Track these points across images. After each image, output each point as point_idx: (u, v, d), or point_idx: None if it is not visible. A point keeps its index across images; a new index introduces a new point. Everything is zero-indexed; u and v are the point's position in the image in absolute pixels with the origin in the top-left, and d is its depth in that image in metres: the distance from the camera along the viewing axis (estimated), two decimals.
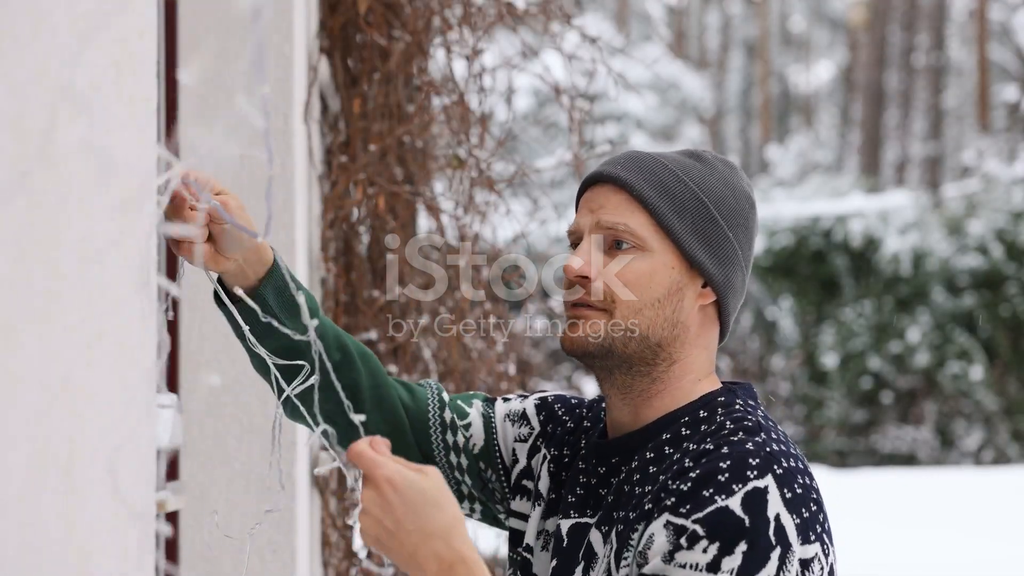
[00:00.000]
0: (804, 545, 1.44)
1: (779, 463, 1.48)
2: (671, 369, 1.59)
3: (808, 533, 1.45)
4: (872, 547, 9.17)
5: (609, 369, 1.59)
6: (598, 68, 3.19)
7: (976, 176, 17.97)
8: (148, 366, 1.25)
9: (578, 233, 1.63)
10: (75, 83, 1.02)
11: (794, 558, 1.44)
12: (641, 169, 1.61)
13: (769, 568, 1.42)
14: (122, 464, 1.15)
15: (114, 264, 1.12)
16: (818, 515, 1.48)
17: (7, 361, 0.87)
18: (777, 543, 1.43)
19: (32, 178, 0.93)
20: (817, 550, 1.46)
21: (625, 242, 1.58)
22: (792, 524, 1.44)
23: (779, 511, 1.45)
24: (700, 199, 1.61)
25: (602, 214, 1.60)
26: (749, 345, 15.00)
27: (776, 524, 1.44)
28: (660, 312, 1.57)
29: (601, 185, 1.62)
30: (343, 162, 3.00)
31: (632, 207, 1.59)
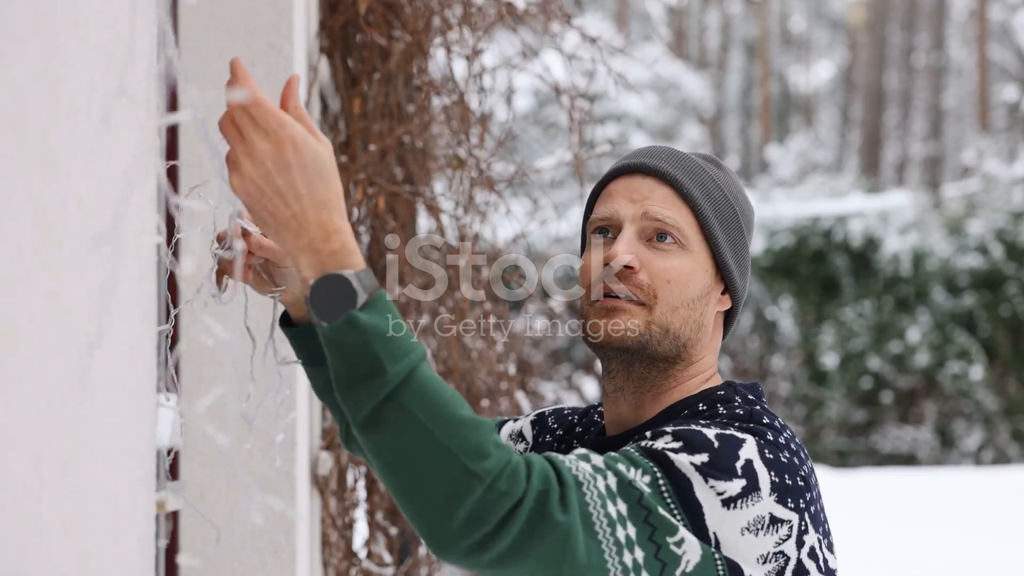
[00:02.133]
0: (779, 505, 1.42)
1: (763, 435, 1.46)
2: (686, 369, 1.60)
3: (787, 499, 1.42)
4: (872, 547, 9.17)
5: (630, 362, 1.58)
6: (598, 68, 3.19)
7: (976, 176, 17.97)
8: (148, 366, 1.25)
9: (615, 221, 1.60)
10: (75, 83, 1.02)
11: (761, 503, 1.40)
12: (685, 168, 1.60)
13: (731, 489, 1.39)
14: (122, 464, 1.15)
15: (114, 264, 1.12)
16: (804, 492, 1.45)
17: (7, 361, 0.87)
18: (744, 476, 1.41)
19: (32, 178, 0.93)
20: (795, 519, 1.43)
21: (670, 237, 1.57)
22: (767, 476, 1.42)
23: (753, 458, 1.43)
24: (733, 207, 1.62)
25: (649, 205, 1.57)
26: (749, 345, 15.00)
27: (746, 465, 1.42)
28: (692, 313, 1.58)
29: (642, 176, 1.60)
30: (343, 162, 3.00)
31: (679, 204, 1.58)
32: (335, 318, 1.30)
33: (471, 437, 1.30)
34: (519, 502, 1.32)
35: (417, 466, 1.30)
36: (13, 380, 0.88)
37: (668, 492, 1.39)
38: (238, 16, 2.60)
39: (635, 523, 1.37)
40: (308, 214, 1.31)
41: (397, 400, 1.30)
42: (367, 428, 1.31)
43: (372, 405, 1.30)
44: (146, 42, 1.22)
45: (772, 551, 1.42)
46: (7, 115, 0.88)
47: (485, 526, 1.30)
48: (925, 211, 15.50)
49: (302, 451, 2.67)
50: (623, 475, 1.39)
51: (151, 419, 1.25)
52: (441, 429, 1.30)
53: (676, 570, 1.38)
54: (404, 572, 3.12)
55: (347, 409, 1.33)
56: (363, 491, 3.08)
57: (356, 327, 1.30)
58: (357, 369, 1.30)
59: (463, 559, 1.33)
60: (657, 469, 1.40)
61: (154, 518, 1.26)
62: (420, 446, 1.29)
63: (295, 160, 1.30)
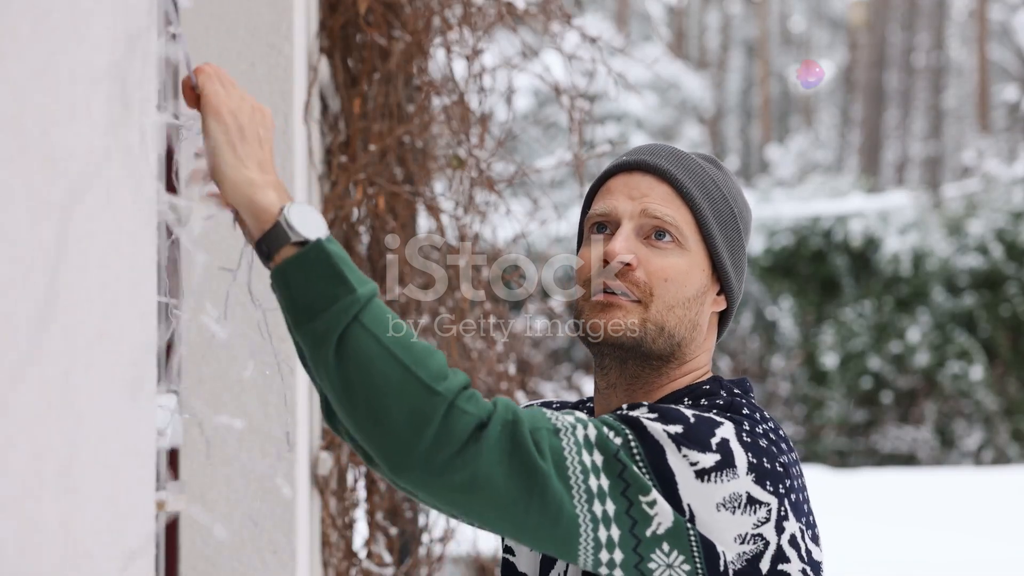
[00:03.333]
0: (756, 486, 1.42)
1: (741, 423, 1.47)
2: (679, 368, 1.60)
3: (765, 481, 1.43)
4: (872, 547, 9.17)
5: (624, 359, 1.58)
6: (598, 68, 3.19)
7: (976, 176, 17.97)
8: (148, 366, 1.25)
9: (613, 217, 1.60)
10: (75, 83, 1.02)
11: (737, 481, 1.41)
12: (685, 167, 1.60)
13: (704, 461, 1.41)
14: (122, 464, 1.15)
15: (114, 264, 1.12)
16: (783, 479, 1.45)
17: (7, 361, 0.87)
18: (719, 452, 1.42)
19: (32, 178, 0.93)
20: (773, 503, 1.43)
21: (668, 235, 1.57)
22: (743, 456, 1.43)
23: (729, 438, 1.44)
24: (731, 207, 1.62)
25: (648, 203, 1.57)
26: (749, 345, 15.00)
27: (722, 443, 1.43)
28: (687, 313, 1.58)
29: (642, 174, 1.60)
30: (343, 162, 3.00)
31: (677, 202, 1.58)
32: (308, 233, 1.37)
33: (429, 360, 1.36)
34: (483, 424, 1.36)
35: (382, 388, 1.34)
36: (13, 380, 0.88)
37: (640, 455, 1.40)
38: (238, 16, 2.60)
39: (609, 476, 1.39)
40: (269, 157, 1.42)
41: (362, 322, 1.35)
42: (337, 351, 1.35)
43: (343, 325, 1.35)
44: (146, 42, 1.22)
45: (750, 532, 1.42)
46: (7, 115, 0.88)
47: (451, 445, 1.34)
48: (925, 211, 15.50)
49: (302, 451, 2.67)
50: (601, 430, 1.41)
51: (151, 419, 1.25)
52: (403, 351, 1.35)
53: (647, 530, 1.39)
54: (404, 572, 3.12)
55: (313, 336, 1.37)
56: (363, 491, 3.08)
57: (327, 250, 1.36)
58: (327, 291, 1.35)
59: (429, 480, 1.36)
60: (630, 433, 1.42)
61: (154, 518, 1.26)
62: (384, 368, 1.34)
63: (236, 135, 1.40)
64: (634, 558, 1.39)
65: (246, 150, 1.39)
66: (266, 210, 1.37)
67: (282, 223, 1.36)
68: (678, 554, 1.40)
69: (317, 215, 1.39)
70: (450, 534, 3.19)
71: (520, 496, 1.36)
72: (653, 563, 1.40)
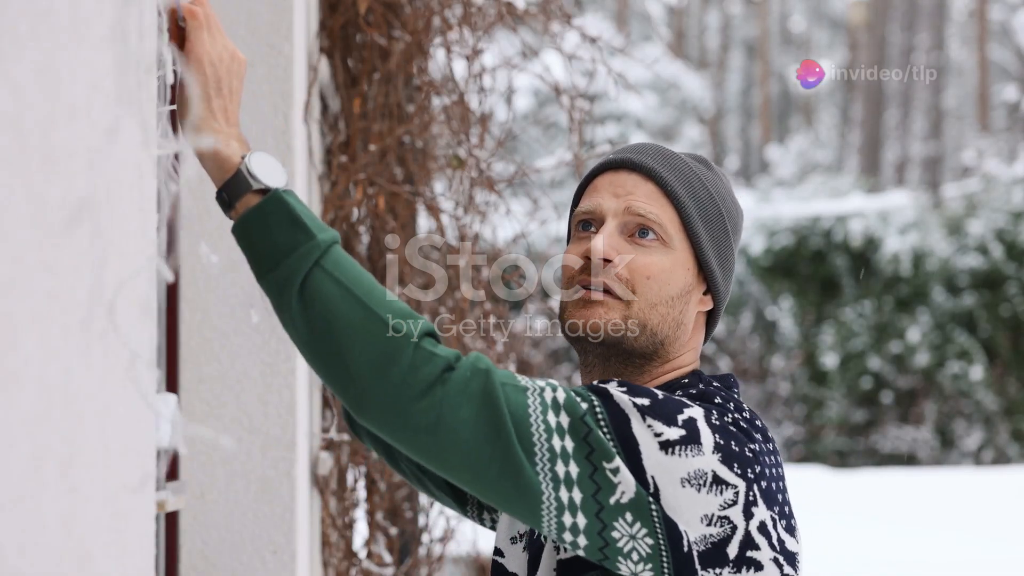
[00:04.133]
0: (723, 466, 1.43)
1: (711, 410, 1.48)
2: (662, 366, 1.60)
3: (732, 463, 1.43)
4: (872, 547, 9.17)
5: (607, 356, 1.59)
6: (598, 68, 3.19)
7: (976, 176, 17.97)
8: (148, 366, 1.25)
9: (597, 214, 1.60)
10: (75, 83, 1.02)
11: (702, 458, 1.42)
12: (671, 166, 1.61)
13: (669, 434, 1.42)
14: (122, 463, 1.15)
15: (114, 264, 1.12)
16: (752, 464, 1.45)
17: (7, 361, 0.87)
18: (684, 428, 1.42)
19: (32, 178, 0.93)
20: (741, 486, 1.43)
21: (652, 233, 1.57)
22: (710, 437, 1.43)
23: (696, 419, 1.45)
24: (719, 207, 1.62)
25: (632, 200, 1.58)
26: (749, 345, 15.00)
27: (689, 422, 1.44)
28: (670, 311, 1.57)
29: (628, 172, 1.60)
30: (343, 162, 3.00)
31: (663, 201, 1.58)
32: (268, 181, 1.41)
33: (393, 303, 1.40)
34: (450, 367, 1.39)
35: (347, 330, 1.38)
36: (13, 380, 0.88)
37: (604, 421, 1.41)
38: (238, 16, 2.60)
39: (574, 438, 1.40)
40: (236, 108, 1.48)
41: (323, 267, 1.39)
42: (300, 296, 1.39)
43: (305, 270, 1.39)
44: (146, 42, 1.22)
45: (717, 513, 1.42)
46: (7, 115, 0.88)
47: (417, 385, 1.37)
48: (925, 211, 15.50)
49: (302, 451, 2.67)
50: (569, 394, 1.43)
51: (151, 419, 1.25)
52: (366, 295, 1.39)
53: (611, 498, 1.40)
54: (404, 572, 3.12)
55: (277, 283, 1.40)
56: (363, 491, 3.08)
57: (286, 200, 1.41)
58: (287, 239, 1.39)
59: (395, 421, 1.38)
60: (596, 399, 1.43)
61: (154, 518, 1.26)
62: (348, 311, 1.38)
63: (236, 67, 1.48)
64: (597, 524, 1.40)
65: (219, 103, 1.44)
66: (228, 159, 1.41)
67: (243, 171, 1.41)
68: (641, 526, 1.40)
69: (278, 164, 1.44)
70: (450, 534, 3.19)
71: (485, 443, 1.38)
72: (616, 532, 1.40)
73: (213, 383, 2.58)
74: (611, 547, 1.40)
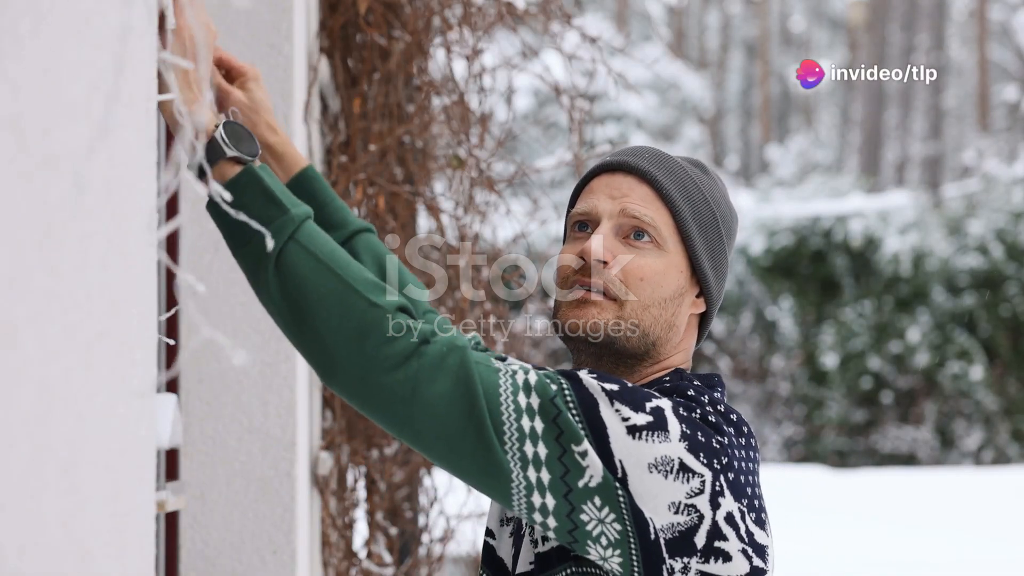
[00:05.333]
0: (690, 454, 1.44)
1: (679, 402, 1.49)
2: (653, 367, 1.61)
3: (699, 452, 1.45)
4: (872, 547, 9.17)
5: (599, 355, 1.60)
6: (598, 68, 3.19)
7: (976, 176, 17.97)
8: (148, 366, 1.25)
9: (593, 216, 1.62)
10: (75, 83, 1.02)
11: (668, 445, 1.43)
12: (667, 169, 1.62)
13: (636, 419, 1.43)
14: (122, 464, 1.15)
15: (114, 264, 1.12)
16: (719, 455, 1.46)
17: (7, 361, 0.87)
18: (651, 415, 1.44)
19: (32, 179, 0.93)
20: (708, 475, 1.45)
21: (646, 235, 1.58)
22: (677, 426, 1.45)
23: (664, 408, 1.46)
24: (713, 211, 1.63)
25: (627, 203, 1.59)
26: (749, 345, 15.00)
27: (656, 409, 1.45)
28: (663, 313, 1.59)
29: (624, 174, 1.62)
30: (343, 162, 3.00)
31: (657, 204, 1.60)
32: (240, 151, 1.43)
33: (366, 275, 1.42)
34: (426, 340, 1.41)
35: (322, 302, 1.40)
36: (13, 380, 0.88)
37: (574, 404, 1.43)
38: (238, 16, 2.60)
39: (544, 420, 1.41)
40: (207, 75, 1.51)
41: (298, 240, 1.42)
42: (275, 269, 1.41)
43: (280, 244, 1.40)
44: (146, 42, 1.22)
45: (684, 502, 1.43)
46: (7, 115, 0.88)
47: (393, 357, 1.39)
48: (925, 211, 15.50)
49: (302, 451, 2.67)
50: (540, 377, 1.45)
51: (151, 419, 1.25)
52: (340, 268, 1.42)
53: (579, 481, 1.41)
54: (404, 572, 3.12)
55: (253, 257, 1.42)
56: (363, 491, 3.08)
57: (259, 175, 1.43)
58: (262, 213, 1.41)
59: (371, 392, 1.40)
60: (564, 382, 1.45)
61: (154, 518, 1.26)
62: (323, 283, 1.40)
63: None
64: (566, 506, 1.41)
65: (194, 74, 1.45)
66: (204, 130, 1.42)
67: (217, 139, 1.42)
68: (609, 511, 1.42)
69: (250, 133, 1.45)
70: (450, 534, 3.19)
71: (459, 417, 1.40)
72: (585, 515, 1.41)
73: (213, 383, 2.58)
74: (580, 530, 1.42)
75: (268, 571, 2.57)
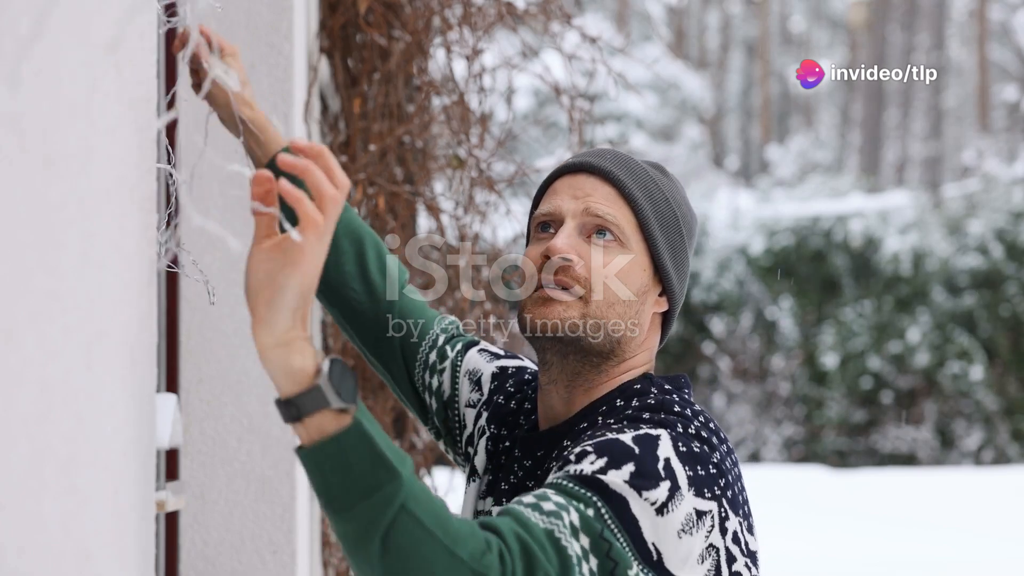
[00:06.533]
0: (698, 497, 1.42)
1: (674, 427, 1.47)
2: (618, 366, 1.62)
3: (703, 489, 1.43)
4: (872, 547, 9.17)
5: (565, 353, 1.60)
6: (598, 68, 3.19)
7: (976, 176, 17.97)
8: (148, 366, 1.25)
9: (556, 216, 1.62)
10: (75, 84, 1.02)
11: (684, 501, 1.41)
12: (629, 169, 1.64)
13: (659, 493, 1.40)
14: (122, 464, 1.15)
15: (114, 264, 1.12)
16: (718, 479, 1.46)
17: (7, 361, 0.87)
18: (667, 477, 1.41)
19: (33, 179, 0.93)
20: (714, 507, 1.44)
21: (609, 233, 1.59)
22: (683, 472, 1.43)
23: (670, 456, 1.43)
24: (674, 211, 1.65)
25: (591, 202, 1.60)
26: (749, 345, 15.00)
27: (666, 464, 1.42)
28: (628, 311, 1.60)
29: (586, 175, 1.63)
30: (343, 162, 3.00)
31: (620, 203, 1.61)
32: (345, 400, 1.21)
33: (468, 539, 1.28)
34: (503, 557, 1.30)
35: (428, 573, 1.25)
36: (13, 380, 0.88)
37: (611, 519, 1.39)
38: (238, 16, 2.60)
39: (597, 556, 1.38)
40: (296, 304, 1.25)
41: (407, 509, 1.23)
42: (383, 542, 1.24)
43: (390, 516, 1.23)
44: (146, 42, 1.22)
45: (704, 546, 1.43)
46: (7, 115, 0.88)
47: None
48: (925, 211, 15.51)
49: None
50: (580, 511, 1.38)
51: (151, 419, 1.25)
52: (444, 533, 1.26)
53: None
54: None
55: (356, 524, 1.24)
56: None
57: (367, 431, 1.22)
58: (370, 478, 1.22)
59: None
60: (596, 498, 1.39)
61: (154, 518, 1.26)
62: (431, 554, 1.25)
63: None
64: None
65: (303, 312, 1.22)
66: (301, 370, 1.20)
67: (322, 388, 1.20)
68: None
69: (351, 372, 1.23)
70: None
71: None
72: None
73: (213, 383, 2.58)
74: None
75: (268, 571, 2.58)
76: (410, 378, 1.85)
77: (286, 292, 1.19)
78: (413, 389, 1.86)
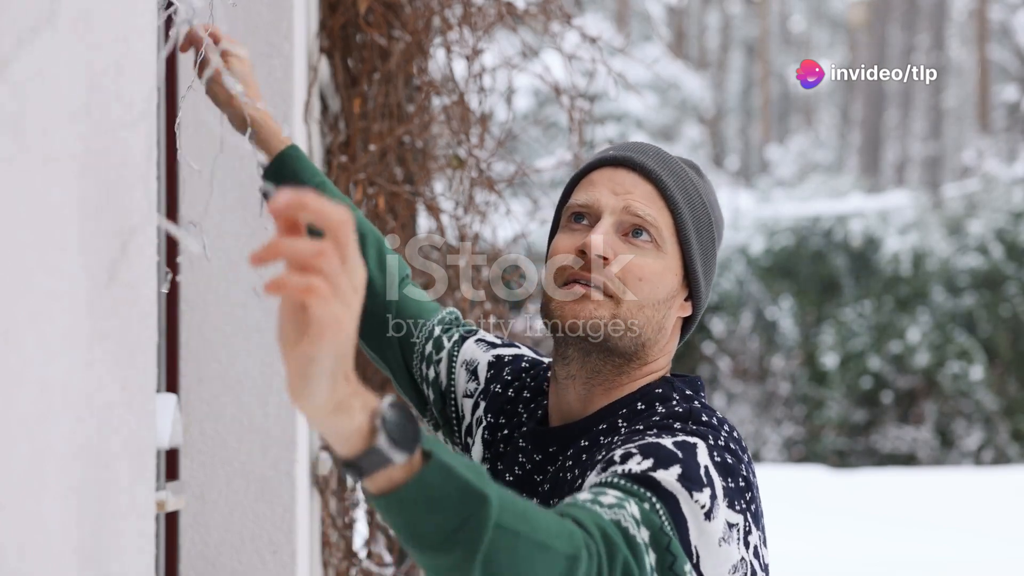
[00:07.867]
0: (729, 509, 1.41)
1: (706, 437, 1.45)
2: (640, 368, 1.59)
3: (734, 502, 1.42)
4: (872, 547, 9.17)
5: (588, 351, 1.57)
6: (598, 68, 3.19)
7: (976, 176, 17.97)
8: (148, 366, 1.25)
9: (594, 209, 1.59)
10: (75, 84, 1.02)
11: (720, 511, 1.39)
12: (670, 169, 1.60)
13: (705, 497, 1.38)
14: (122, 464, 1.15)
15: (114, 265, 1.12)
16: (745, 492, 1.44)
17: (7, 361, 0.87)
18: (708, 485, 1.39)
19: (33, 179, 0.93)
20: (741, 520, 1.42)
21: (646, 234, 1.56)
22: (720, 483, 1.41)
23: (708, 464, 1.41)
24: (709, 215, 1.62)
25: (631, 200, 1.57)
26: (749, 345, 15.00)
27: (706, 472, 1.40)
28: (656, 314, 1.57)
29: (627, 170, 1.59)
30: (343, 162, 3.00)
31: (659, 204, 1.58)
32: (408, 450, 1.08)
33: (554, 526, 1.21)
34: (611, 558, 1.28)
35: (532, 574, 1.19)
36: (13, 380, 0.88)
37: (666, 516, 1.37)
38: (238, 16, 2.60)
39: (656, 550, 1.35)
40: None
41: (502, 526, 1.15)
42: (483, 568, 1.15)
43: (485, 541, 1.13)
44: (146, 42, 1.22)
45: (737, 559, 1.42)
46: (7, 115, 0.88)
47: None
48: (925, 211, 15.51)
49: (302, 451, 2.67)
50: (639, 505, 1.35)
51: (151, 419, 1.25)
52: (540, 533, 1.19)
53: None
54: (404, 572, 3.12)
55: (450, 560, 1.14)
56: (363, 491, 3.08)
57: (446, 464, 1.11)
58: (457, 511, 1.12)
59: None
60: (651, 494, 1.36)
61: (154, 518, 1.26)
62: (531, 557, 1.17)
63: None
64: None
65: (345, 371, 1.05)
66: (356, 433, 1.07)
67: (380, 449, 1.07)
68: None
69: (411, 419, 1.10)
70: None
71: None
72: None
73: (213, 383, 2.58)
74: None
75: (268, 571, 2.57)
76: (409, 372, 1.85)
77: (316, 363, 0.99)
78: (412, 382, 1.85)
